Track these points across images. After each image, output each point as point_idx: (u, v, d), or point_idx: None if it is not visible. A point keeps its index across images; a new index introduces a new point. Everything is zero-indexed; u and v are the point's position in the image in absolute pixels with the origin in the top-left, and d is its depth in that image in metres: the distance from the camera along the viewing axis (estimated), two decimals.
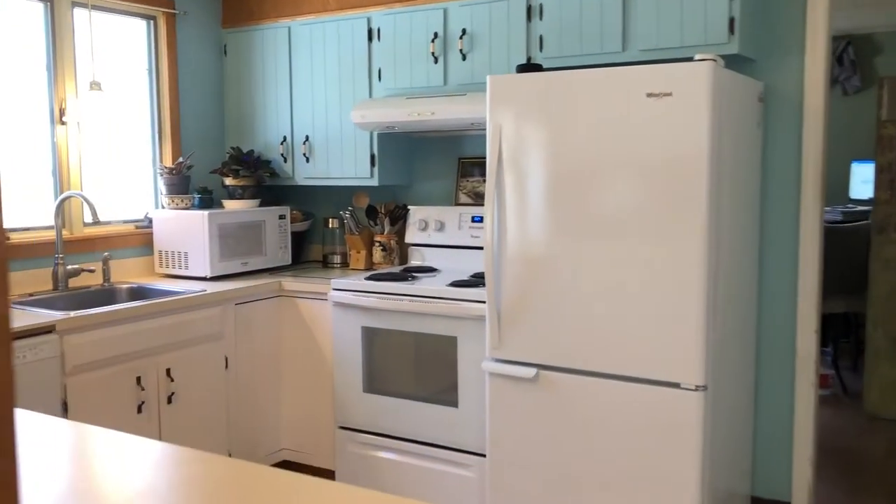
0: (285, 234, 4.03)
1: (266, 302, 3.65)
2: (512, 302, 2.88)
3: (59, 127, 3.49)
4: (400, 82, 3.65)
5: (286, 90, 3.99)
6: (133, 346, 3.04)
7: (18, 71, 3.37)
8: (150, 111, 3.94)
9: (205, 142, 4.14)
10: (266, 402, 3.67)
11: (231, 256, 3.74)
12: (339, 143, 3.85)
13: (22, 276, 3.31)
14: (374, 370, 3.44)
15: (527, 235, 2.83)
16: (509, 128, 2.84)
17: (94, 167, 3.68)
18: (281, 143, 4.02)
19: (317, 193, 4.34)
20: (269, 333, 3.67)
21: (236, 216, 3.76)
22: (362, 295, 3.41)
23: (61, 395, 2.80)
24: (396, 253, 3.97)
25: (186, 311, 3.26)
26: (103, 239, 3.64)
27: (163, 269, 3.79)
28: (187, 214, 3.67)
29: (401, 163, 3.94)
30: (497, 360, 2.95)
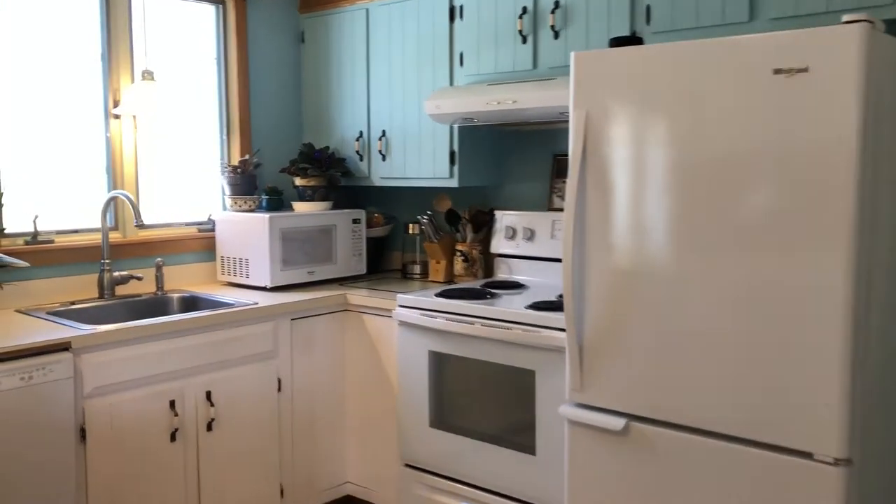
0: (359, 240, 3.61)
1: (328, 317, 3.24)
2: (598, 333, 2.31)
3: (113, 121, 3.23)
4: (483, 67, 3.14)
5: (363, 80, 3.57)
6: (166, 365, 2.70)
7: (73, 61, 3.12)
8: (217, 104, 3.62)
9: (278, 138, 3.80)
10: (327, 431, 3.26)
11: (296, 265, 3.36)
12: (417, 138, 3.39)
13: (67, 283, 3.06)
14: (443, 402, 2.95)
15: (618, 249, 2.25)
16: (597, 115, 2.28)
17: (154, 165, 3.40)
18: (356, 140, 3.60)
19: (398, 195, 3.91)
20: (330, 353, 3.25)
21: (302, 220, 3.38)
22: (429, 314, 2.93)
23: (78, 421, 2.49)
24: (480, 264, 3.47)
25: (232, 326, 2.89)
26: (161, 243, 3.35)
27: (225, 276, 3.46)
28: (249, 218, 3.32)
29: (486, 161, 3.42)
30: (578, 406, 2.39)
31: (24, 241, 2.98)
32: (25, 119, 3.01)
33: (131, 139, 3.27)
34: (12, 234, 2.97)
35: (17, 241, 2.97)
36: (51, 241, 3.03)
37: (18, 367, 2.31)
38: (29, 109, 3.02)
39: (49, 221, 3.08)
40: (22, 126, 3.00)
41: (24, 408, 2.33)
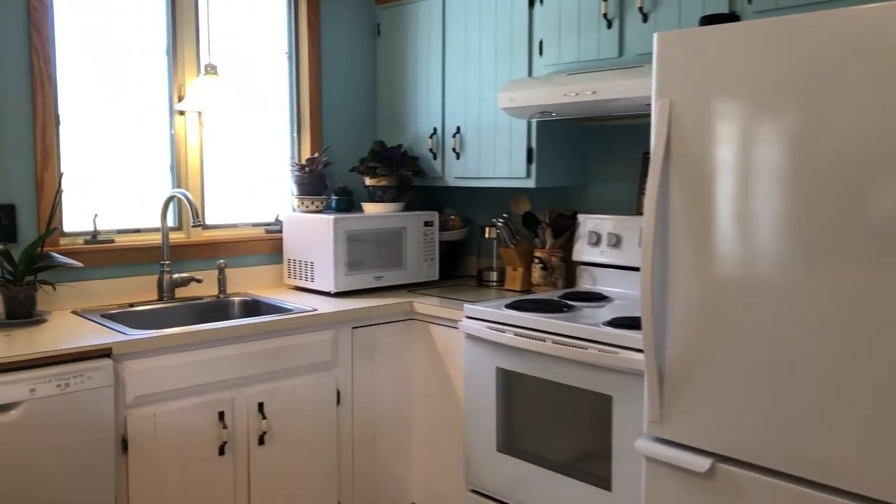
0: (431, 243, 3.39)
1: (392, 326, 3.02)
2: (682, 357, 2.00)
3: (178, 117, 3.12)
4: (565, 55, 2.85)
5: (438, 73, 3.34)
6: (215, 374, 2.55)
7: (139, 55, 3.04)
8: (288, 100, 3.48)
9: (351, 135, 3.62)
10: (390, 447, 3.05)
11: (362, 269, 3.16)
12: (493, 134, 3.13)
13: (127, 284, 2.97)
14: (512, 425, 2.68)
15: (708, 261, 1.93)
16: (685, 105, 1.96)
17: (221, 163, 3.28)
18: (430, 137, 3.38)
19: (476, 196, 3.66)
20: (394, 364, 3.04)
21: (370, 222, 3.18)
22: (497, 327, 2.67)
23: (119, 431, 2.36)
24: (560, 273, 3.17)
25: (287, 333, 2.72)
26: (226, 244, 3.22)
27: (291, 280, 3.31)
28: (314, 219, 3.15)
29: (568, 159, 3.13)
30: (657, 440, 2.08)
31: (84, 241, 2.90)
32: (90, 115, 2.93)
33: (196, 136, 3.16)
34: (72, 234, 2.90)
35: (76, 240, 2.90)
36: (111, 241, 2.95)
37: (55, 374, 2.20)
38: (93, 106, 2.94)
39: (113, 221, 3.01)
40: (86, 123, 2.93)
41: (60, 417, 2.21)
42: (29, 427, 2.16)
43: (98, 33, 2.93)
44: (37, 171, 2.76)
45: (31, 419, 2.17)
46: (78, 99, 2.90)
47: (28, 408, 2.16)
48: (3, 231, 2.69)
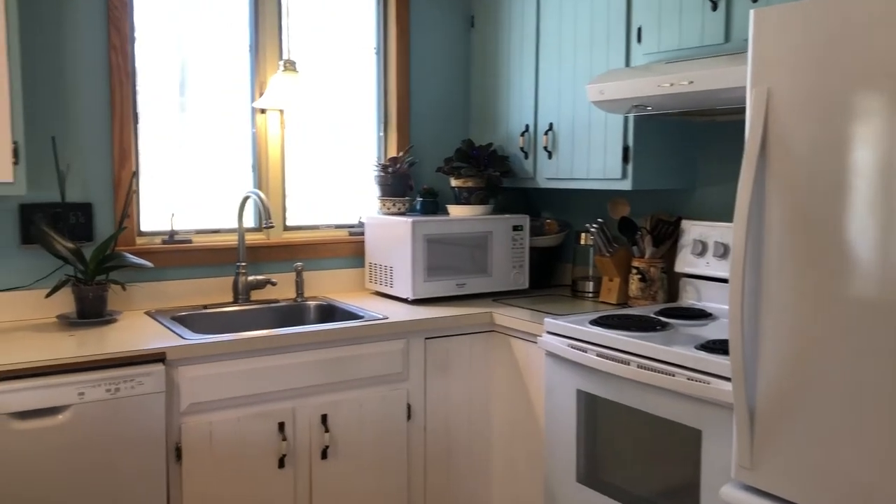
0: (520, 250, 3.14)
1: (470, 338, 2.81)
2: (778, 390, 1.67)
3: (259, 116, 3.04)
4: (665, 43, 2.54)
5: (531, 67, 3.10)
6: (274, 383, 2.43)
7: (222, 53, 2.98)
8: (376, 98, 3.34)
9: (441, 134, 3.43)
10: (468, 467, 2.84)
11: (443, 275, 2.97)
12: (586, 132, 2.86)
13: (204, 285, 2.91)
14: (593, 453, 2.41)
15: (810, 278, 1.61)
16: (786, 93, 1.64)
17: (305, 162, 3.18)
18: (521, 135, 3.14)
19: (574, 199, 3.38)
20: (472, 379, 2.83)
21: (452, 225, 2.98)
22: (578, 345, 2.40)
23: (173, 439, 2.28)
24: (660, 285, 2.85)
25: (354, 342, 2.56)
26: (307, 246, 3.12)
27: (372, 284, 3.16)
28: (394, 221, 2.99)
29: (671, 159, 2.80)
30: (745, 489, 1.76)
31: (161, 241, 2.87)
32: (170, 114, 2.90)
33: (277, 134, 3.07)
34: (150, 233, 2.88)
35: (154, 239, 2.87)
36: (188, 241, 2.90)
37: (104, 378, 2.14)
38: (175, 104, 2.91)
39: (194, 220, 2.96)
40: (167, 121, 2.90)
41: (110, 422, 2.15)
42: (77, 432, 2.11)
43: (180, 31, 2.89)
44: (114, 169, 2.75)
45: (79, 424, 2.11)
46: (158, 97, 2.87)
47: (76, 412, 2.11)
48: (79, 229, 2.69)
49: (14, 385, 2.03)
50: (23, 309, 2.61)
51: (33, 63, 2.58)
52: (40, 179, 2.62)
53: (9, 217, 2.59)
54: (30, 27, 2.57)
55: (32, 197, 2.61)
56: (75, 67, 2.66)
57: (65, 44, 2.63)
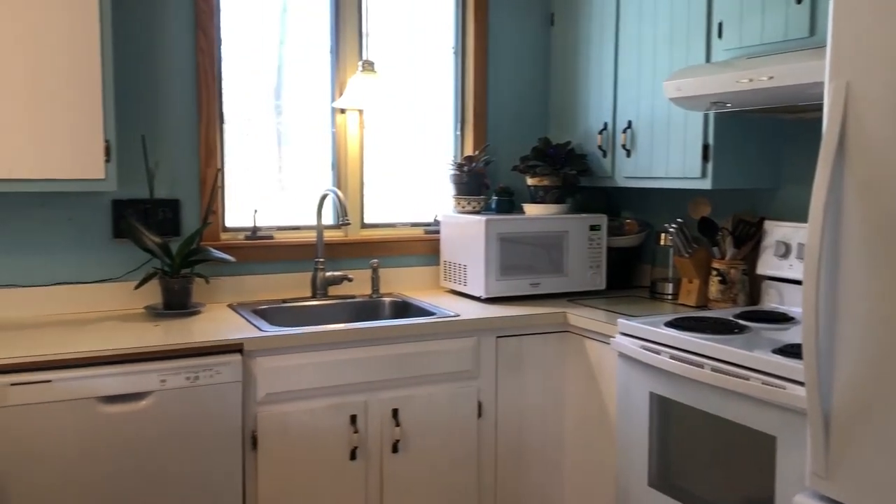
0: (598, 249, 3.10)
1: (543, 338, 2.79)
2: (855, 395, 1.60)
3: (339, 115, 3.11)
4: (747, 37, 2.46)
5: (610, 64, 3.05)
6: (348, 376, 2.48)
7: (305, 54, 3.07)
8: (453, 97, 3.36)
9: (519, 133, 3.42)
10: (539, 468, 2.82)
11: (517, 275, 2.96)
12: (665, 129, 2.80)
13: (285, 280, 3.00)
14: (665, 457, 2.36)
15: (889, 279, 1.53)
16: (865, 88, 1.57)
17: (382, 161, 3.23)
18: (600, 133, 3.10)
19: (652, 198, 3.32)
20: (545, 379, 2.81)
21: (527, 224, 2.97)
22: (651, 346, 2.36)
23: (250, 428, 2.36)
24: (741, 287, 2.77)
25: (426, 338, 2.59)
26: (383, 243, 3.17)
27: (447, 282, 3.18)
28: (468, 220, 3.00)
29: (755, 158, 2.71)
30: (820, 499, 1.69)
31: (245, 237, 2.97)
32: (256, 114, 3.00)
33: (356, 134, 3.13)
34: (234, 229, 2.98)
35: (237, 235, 2.97)
36: (270, 238, 2.99)
37: (185, 367, 2.23)
38: (260, 104, 3.01)
39: (276, 217, 3.06)
40: (252, 121, 3.00)
41: (189, 409, 2.24)
42: (158, 417, 2.21)
43: (264, 34, 2.99)
44: (200, 167, 2.86)
45: (161, 409, 2.21)
46: (243, 98, 2.97)
47: (158, 398, 2.21)
48: (167, 225, 2.81)
49: (102, 371, 2.15)
50: (113, 300, 2.75)
51: (125, 66, 2.72)
52: (132, 177, 2.75)
53: (102, 212, 2.73)
54: (121, 32, 2.70)
55: (124, 193, 2.75)
56: (165, 70, 2.78)
57: (155, 47, 2.76)
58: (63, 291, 2.69)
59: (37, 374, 2.08)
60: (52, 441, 2.10)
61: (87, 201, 2.71)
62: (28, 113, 2.31)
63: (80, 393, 2.12)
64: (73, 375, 2.11)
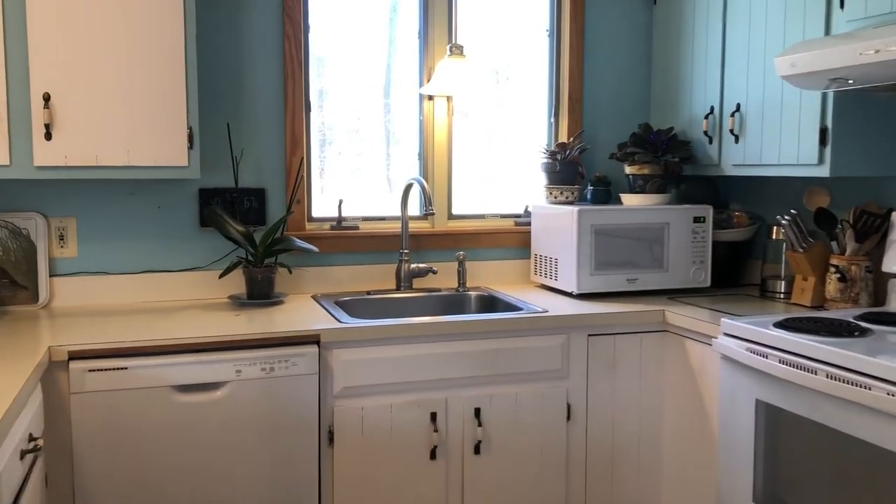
0: (702, 243, 2.88)
1: (639, 338, 2.60)
2: None
3: (427, 103, 3.01)
4: (874, 6, 2.20)
5: (717, 43, 2.82)
6: (429, 371, 2.37)
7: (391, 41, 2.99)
8: (547, 82, 3.19)
9: (618, 119, 3.23)
10: (635, 475, 2.63)
11: (613, 269, 2.78)
12: (778, 112, 2.55)
13: (369, 271, 2.93)
14: (774, 473, 2.13)
15: None
16: None
17: (472, 150, 3.11)
18: (706, 117, 2.87)
19: (764, 188, 3.05)
20: (641, 382, 2.61)
21: (623, 215, 2.78)
22: (757, 349, 2.14)
23: (327, 422, 2.29)
24: (864, 286, 2.49)
25: (512, 335, 2.45)
26: (471, 235, 3.04)
27: (537, 276, 3.03)
28: (560, 211, 2.84)
29: (883, 142, 2.43)
30: None
31: (330, 227, 2.91)
32: (344, 103, 2.94)
33: (444, 121, 3.02)
34: (320, 219, 2.93)
35: (323, 225, 2.92)
36: (355, 228, 2.92)
37: (260, 357, 2.18)
38: (350, 92, 2.95)
39: (363, 208, 2.99)
40: (340, 110, 2.94)
41: (264, 400, 2.19)
42: (234, 407, 2.16)
43: (352, 20, 2.92)
44: (286, 156, 2.81)
45: (237, 399, 2.16)
46: (331, 86, 2.91)
47: (233, 388, 2.16)
48: (253, 214, 2.78)
49: (177, 359, 2.12)
50: (199, 288, 2.74)
51: (211, 53, 2.70)
52: (218, 166, 2.73)
53: (189, 201, 2.73)
54: (207, 19, 2.68)
55: (210, 182, 2.73)
56: (251, 57, 2.75)
57: (241, 34, 2.73)
58: (150, 279, 2.70)
59: (114, 360, 2.07)
60: (127, 429, 2.08)
61: (174, 190, 2.71)
62: (113, 100, 2.31)
63: (155, 381, 2.10)
64: (148, 363, 2.09)
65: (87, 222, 2.64)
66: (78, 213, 2.63)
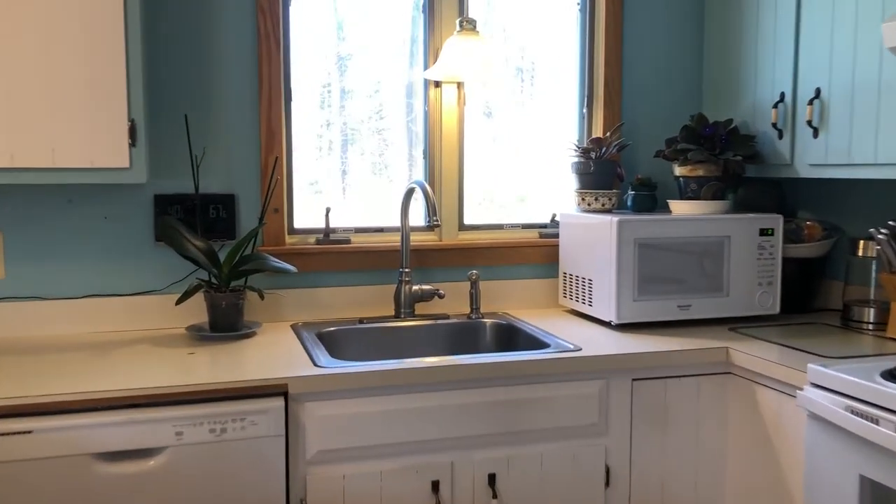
0: (770, 261, 2.34)
1: (697, 382, 2.07)
2: None
3: (433, 90, 2.50)
4: None
5: (789, 17, 2.28)
6: (430, 429, 1.86)
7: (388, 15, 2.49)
8: (578, 65, 2.67)
9: (664, 110, 2.69)
10: None
11: (660, 294, 2.26)
12: (874, 98, 2.01)
13: (363, 294, 2.42)
14: None
15: None
16: None
17: (486, 147, 2.60)
18: (774, 106, 2.33)
19: (844, 193, 2.51)
20: (696, 438, 2.08)
21: (673, 227, 2.26)
22: (861, 409, 1.60)
23: (297, 495, 1.78)
24: None
25: (534, 381, 1.93)
26: (487, 249, 2.53)
27: (567, 300, 2.51)
28: (594, 220, 2.32)
29: None
30: None
31: (316, 240, 2.42)
32: (330, 90, 2.45)
33: (454, 112, 2.50)
34: (303, 230, 2.43)
35: (307, 238, 2.42)
36: (346, 241, 2.42)
37: (209, 415, 1.68)
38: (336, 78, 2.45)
39: (354, 217, 2.49)
40: (325, 99, 2.45)
41: (214, 471, 1.69)
42: (173, 480, 1.67)
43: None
44: (261, 155, 2.32)
45: (177, 470, 1.67)
46: (313, 70, 2.42)
47: (172, 455, 1.67)
48: (220, 226, 2.29)
49: (100, 418, 1.63)
50: (153, 316, 2.26)
51: (163, 28, 2.21)
52: (178, 167, 2.25)
53: (142, 210, 2.25)
54: None
55: (170, 187, 2.25)
56: (216, 33, 2.26)
57: (203, 3, 2.24)
58: (95, 306, 2.22)
59: (15, 421, 1.58)
60: None
61: (124, 198, 2.23)
62: (30, 86, 1.83)
63: (71, 447, 1.61)
64: (61, 425, 1.60)
65: (16, 237, 2.17)
66: (4, 227, 2.16)
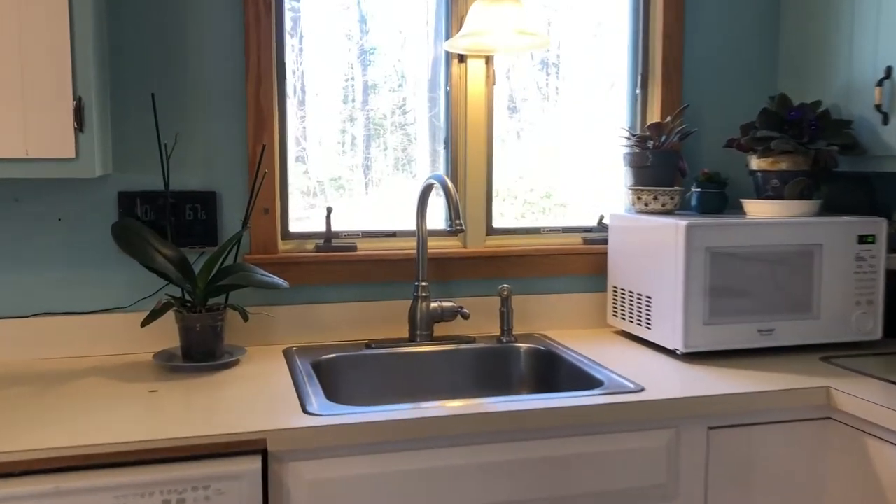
0: (870, 275, 1.90)
1: (788, 430, 1.64)
2: None
3: (456, 66, 2.08)
4: None
5: None
6: (453, 496, 1.45)
7: None
8: (630, 40, 2.24)
9: (732, 90, 2.25)
10: None
11: (736, 315, 1.82)
12: None
13: (371, 312, 2.01)
14: None
15: None
16: None
17: (520, 136, 2.19)
18: (877, 85, 1.88)
19: None
20: (791, 499, 1.65)
21: (752, 233, 1.82)
22: None
23: None
24: None
25: (588, 431, 1.52)
26: (522, 258, 2.11)
27: (617, 319, 2.08)
28: (655, 224, 1.89)
29: None
30: None
31: (315, 246, 2.01)
32: (332, 66, 2.05)
33: (481, 93, 2.08)
34: (299, 235, 2.03)
35: (305, 244, 2.02)
36: (352, 248, 2.02)
37: (163, 482, 1.28)
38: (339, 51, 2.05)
39: (361, 219, 2.09)
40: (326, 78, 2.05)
41: None
42: None
43: None
44: (248, 144, 1.92)
45: None
46: (312, 43, 2.02)
47: None
48: (197, 228, 1.90)
49: (19, 488, 1.23)
50: (119, 339, 1.86)
51: None
52: (146, 159, 1.85)
53: (104, 210, 1.86)
54: None
55: (138, 183, 1.86)
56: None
57: None
58: (46, 325, 1.83)
59: None
60: None
61: (81, 194, 1.84)
62: None
63: None
64: None
65: None
66: None
